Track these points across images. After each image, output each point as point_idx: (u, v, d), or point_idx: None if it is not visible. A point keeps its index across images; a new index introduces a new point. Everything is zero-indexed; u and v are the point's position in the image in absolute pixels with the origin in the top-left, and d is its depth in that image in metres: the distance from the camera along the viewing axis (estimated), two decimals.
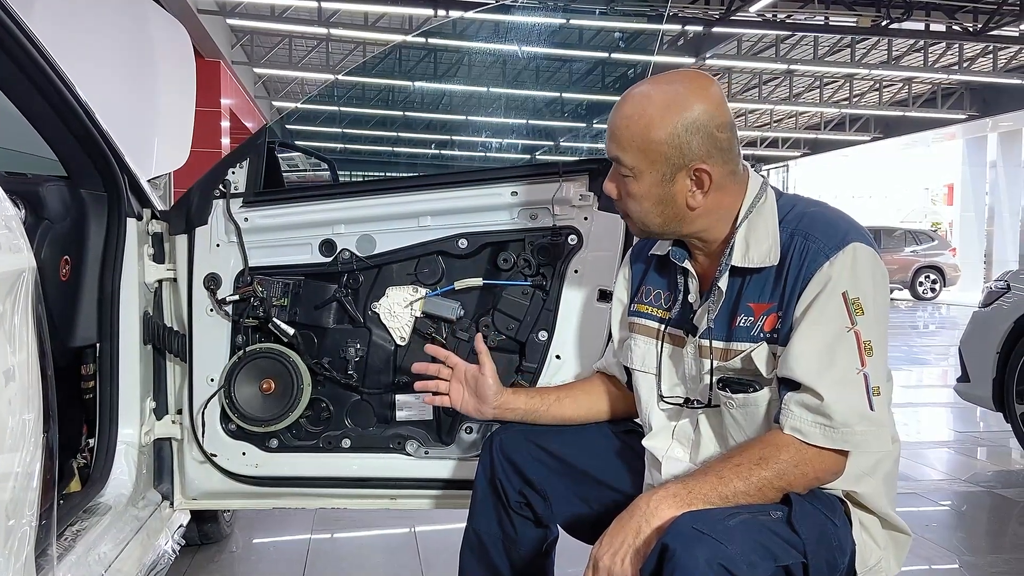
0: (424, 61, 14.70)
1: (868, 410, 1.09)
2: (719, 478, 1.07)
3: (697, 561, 0.96)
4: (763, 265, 1.16)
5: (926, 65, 14.05)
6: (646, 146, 1.15)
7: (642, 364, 1.33)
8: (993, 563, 2.40)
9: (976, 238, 18.19)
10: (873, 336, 1.11)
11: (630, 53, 10.35)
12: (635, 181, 1.18)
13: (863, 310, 1.10)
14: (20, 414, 0.82)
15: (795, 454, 1.09)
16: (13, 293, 0.83)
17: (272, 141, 1.89)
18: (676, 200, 1.18)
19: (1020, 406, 3.30)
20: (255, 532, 2.55)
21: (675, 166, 1.16)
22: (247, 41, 13.52)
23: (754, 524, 1.03)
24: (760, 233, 1.18)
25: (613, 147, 1.19)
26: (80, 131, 1.62)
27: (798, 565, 1.04)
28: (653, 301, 1.33)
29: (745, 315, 1.18)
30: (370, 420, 1.82)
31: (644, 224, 1.22)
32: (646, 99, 1.17)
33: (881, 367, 1.12)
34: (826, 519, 1.12)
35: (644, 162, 1.16)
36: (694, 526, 0.99)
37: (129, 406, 1.78)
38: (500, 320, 1.74)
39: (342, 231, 1.78)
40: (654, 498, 1.05)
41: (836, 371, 1.09)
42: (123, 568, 1.52)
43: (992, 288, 3.53)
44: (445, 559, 2.29)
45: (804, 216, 1.17)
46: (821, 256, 1.12)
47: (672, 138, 1.14)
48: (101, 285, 1.74)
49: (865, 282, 1.12)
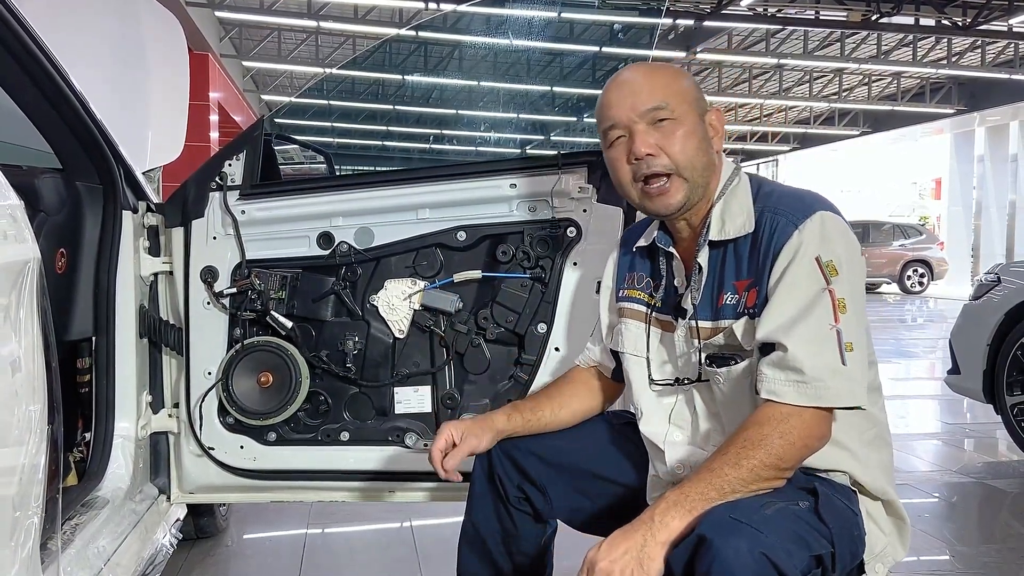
0: (418, 54, 14.65)
1: (840, 364, 1.09)
2: (711, 472, 1.06)
3: (738, 551, 0.93)
4: (739, 235, 1.19)
5: (915, 59, 14.13)
6: (679, 88, 1.21)
7: (633, 348, 1.33)
8: (984, 553, 2.42)
9: (964, 232, 18.32)
10: (847, 294, 1.11)
11: (626, 47, 10.35)
12: (679, 123, 1.20)
13: (837, 271, 1.11)
14: (26, 405, 0.81)
15: (777, 425, 1.08)
16: (19, 284, 0.83)
17: (268, 134, 1.88)
18: (711, 143, 1.23)
19: (1010, 398, 3.32)
20: (251, 526, 2.54)
21: (702, 109, 1.23)
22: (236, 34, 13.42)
23: (787, 513, 1.03)
24: (734, 209, 1.21)
25: (640, 104, 1.19)
26: (75, 123, 1.61)
27: (828, 555, 1.05)
28: (643, 288, 1.34)
29: (730, 293, 1.20)
30: (368, 413, 1.82)
31: (691, 167, 1.20)
32: (645, 66, 1.26)
33: (855, 324, 1.12)
34: (847, 508, 1.13)
35: (683, 103, 1.21)
36: (731, 516, 0.98)
37: (125, 400, 1.77)
38: (499, 312, 1.74)
39: (340, 224, 1.77)
40: (657, 509, 1.02)
41: (807, 327, 1.10)
42: (122, 562, 1.51)
43: (982, 281, 3.55)
44: (441, 552, 2.29)
45: (772, 194, 1.21)
46: (790, 227, 1.14)
47: (692, 85, 1.24)
48: (97, 278, 1.73)
49: (837, 245, 1.13)
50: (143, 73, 2.31)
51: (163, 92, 2.36)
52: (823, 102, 17.52)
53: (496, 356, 1.78)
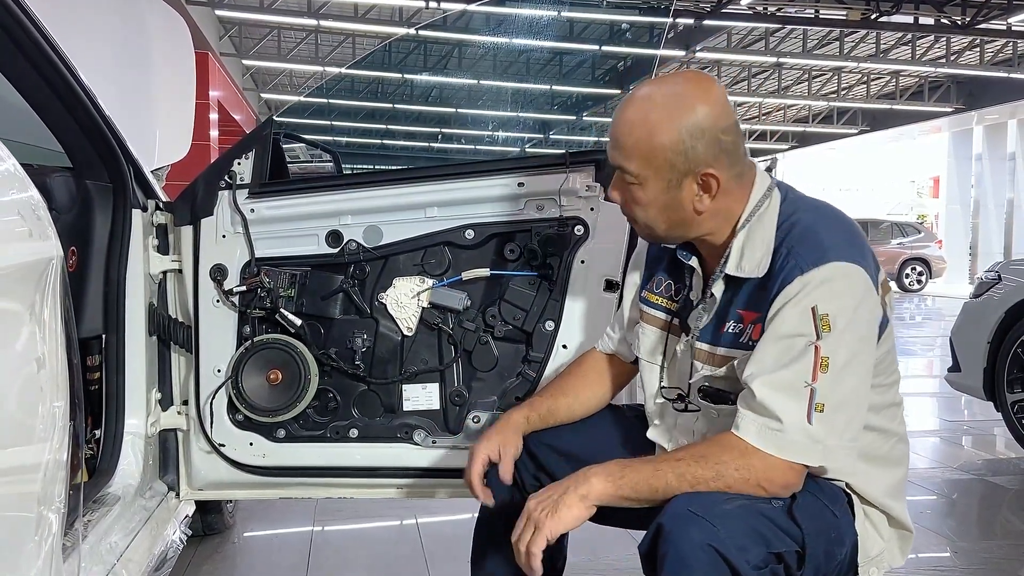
0: (421, 53, 14.63)
1: (806, 422, 1.06)
2: (655, 469, 1.08)
3: (690, 541, 0.99)
4: (752, 276, 1.15)
5: (914, 58, 14.15)
6: (650, 153, 1.12)
7: (650, 355, 1.34)
8: (984, 549, 2.44)
9: (962, 230, 18.37)
10: (835, 355, 1.06)
11: (633, 47, 10.34)
12: (640, 188, 1.16)
13: (831, 327, 1.06)
14: (51, 402, 0.82)
15: (737, 457, 1.07)
16: (43, 281, 0.84)
17: (277, 132, 1.89)
18: (683, 206, 1.16)
19: (1011, 395, 3.34)
20: (257, 523, 2.56)
21: (681, 172, 1.13)
22: (235, 32, 13.41)
23: (751, 510, 1.05)
24: (756, 242, 1.16)
25: (617, 155, 1.16)
26: (86, 121, 1.62)
27: (792, 553, 1.06)
28: (664, 292, 1.34)
29: (734, 321, 1.18)
30: (377, 410, 1.83)
31: (650, 229, 1.21)
32: (648, 103, 1.14)
33: (832, 385, 1.06)
34: (827, 510, 1.12)
35: (649, 169, 1.13)
36: (689, 508, 1.02)
37: (134, 397, 1.78)
38: (507, 310, 1.75)
39: (349, 222, 1.78)
40: (592, 468, 1.10)
41: (781, 376, 1.07)
42: (134, 558, 1.52)
43: (983, 279, 3.57)
44: (447, 549, 2.31)
45: (795, 227, 1.14)
46: (796, 271, 1.09)
47: (677, 144, 1.11)
48: (107, 276, 1.74)
49: (840, 300, 1.08)
50: (150, 72, 2.32)
51: (169, 90, 2.38)
52: (822, 101, 17.54)
53: (504, 353, 1.79)
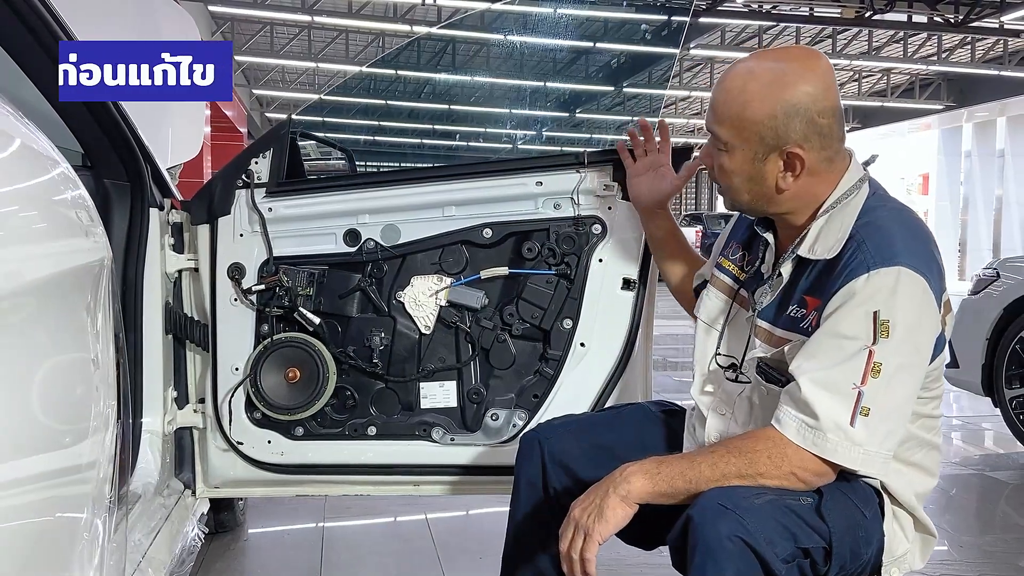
0: (457, 53, 14.57)
1: (848, 424, 1.07)
2: (690, 462, 1.11)
3: (719, 533, 1.01)
4: (822, 258, 1.16)
5: (905, 56, 14.23)
6: (741, 123, 1.15)
7: (709, 319, 1.36)
8: (984, 544, 2.47)
9: (951, 227, 18.48)
10: (887, 362, 1.07)
11: (652, 46, 10.34)
12: (727, 156, 1.18)
13: (889, 334, 1.07)
14: (105, 401, 0.83)
15: (772, 447, 1.09)
16: (98, 282, 0.84)
17: (294, 131, 1.89)
18: (766, 180, 1.18)
19: (1009, 391, 3.38)
20: (268, 521, 2.56)
21: (768, 147, 1.15)
22: (228, 28, 13.34)
23: (780, 505, 1.07)
24: (834, 227, 1.16)
25: (710, 119, 1.20)
26: (105, 120, 1.61)
27: (819, 550, 1.07)
28: (737, 261, 1.36)
29: (797, 305, 1.18)
30: (395, 408, 1.84)
31: (733, 198, 1.24)
32: (749, 75, 1.15)
33: (882, 392, 1.07)
34: (856, 510, 1.14)
35: (738, 139, 1.16)
36: (719, 501, 1.04)
37: (151, 395, 1.78)
38: (525, 308, 1.77)
39: (367, 221, 1.79)
40: (628, 468, 1.12)
41: (831, 374, 1.08)
42: (157, 555, 1.53)
43: (981, 276, 3.61)
44: (459, 544, 2.32)
45: (873, 221, 1.14)
46: (862, 267, 1.09)
47: (769, 119, 1.13)
48: (125, 275, 1.74)
49: (904, 310, 1.08)
50: None
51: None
52: None
53: (521, 351, 1.80)
